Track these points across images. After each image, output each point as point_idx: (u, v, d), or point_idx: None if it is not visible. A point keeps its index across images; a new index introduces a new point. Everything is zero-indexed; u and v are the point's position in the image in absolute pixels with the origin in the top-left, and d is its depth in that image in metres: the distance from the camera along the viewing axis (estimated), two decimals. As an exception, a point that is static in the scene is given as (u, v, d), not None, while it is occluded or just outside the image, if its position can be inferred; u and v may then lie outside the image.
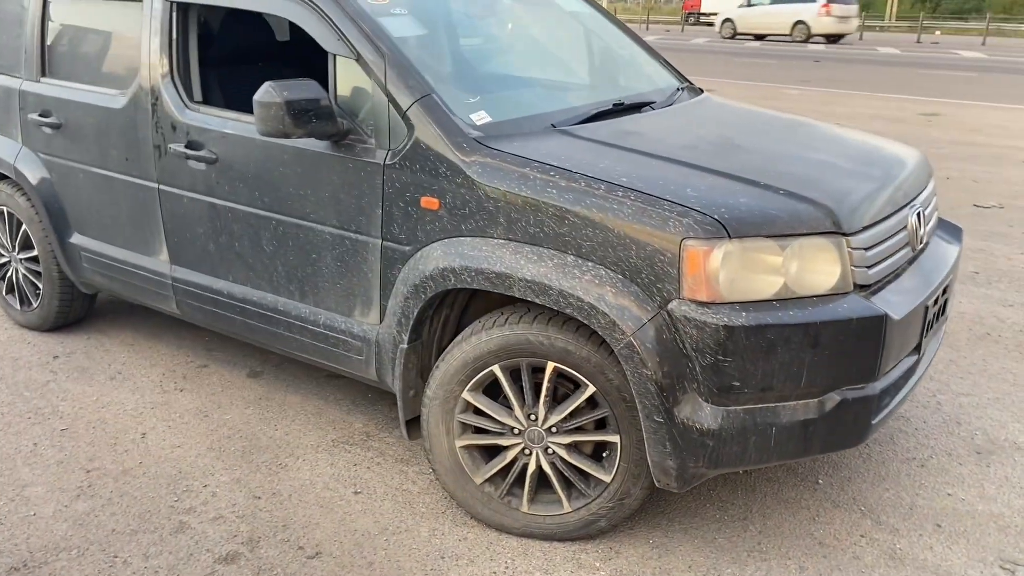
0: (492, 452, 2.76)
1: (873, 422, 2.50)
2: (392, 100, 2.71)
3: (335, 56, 2.82)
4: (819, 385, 2.38)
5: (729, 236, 2.29)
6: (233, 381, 3.76)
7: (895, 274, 2.64)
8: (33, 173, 3.85)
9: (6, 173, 3.96)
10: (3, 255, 4.23)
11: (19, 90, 3.83)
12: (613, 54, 3.74)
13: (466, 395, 2.68)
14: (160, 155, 3.32)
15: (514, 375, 2.64)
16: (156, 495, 2.95)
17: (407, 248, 2.74)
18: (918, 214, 2.76)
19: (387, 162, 2.72)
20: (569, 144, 2.70)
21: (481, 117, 2.75)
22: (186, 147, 3.21)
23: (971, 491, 3.00)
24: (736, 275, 2.31)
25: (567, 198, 2.44)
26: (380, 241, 2.80)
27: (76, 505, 2.89)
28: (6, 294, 4.29)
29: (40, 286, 4.09)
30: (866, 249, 2.45)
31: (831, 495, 2.97)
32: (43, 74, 3.78)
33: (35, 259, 4.06)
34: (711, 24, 38.12)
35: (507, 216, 2.53)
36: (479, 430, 2.73)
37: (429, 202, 2.66)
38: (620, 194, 2.40)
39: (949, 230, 3.16)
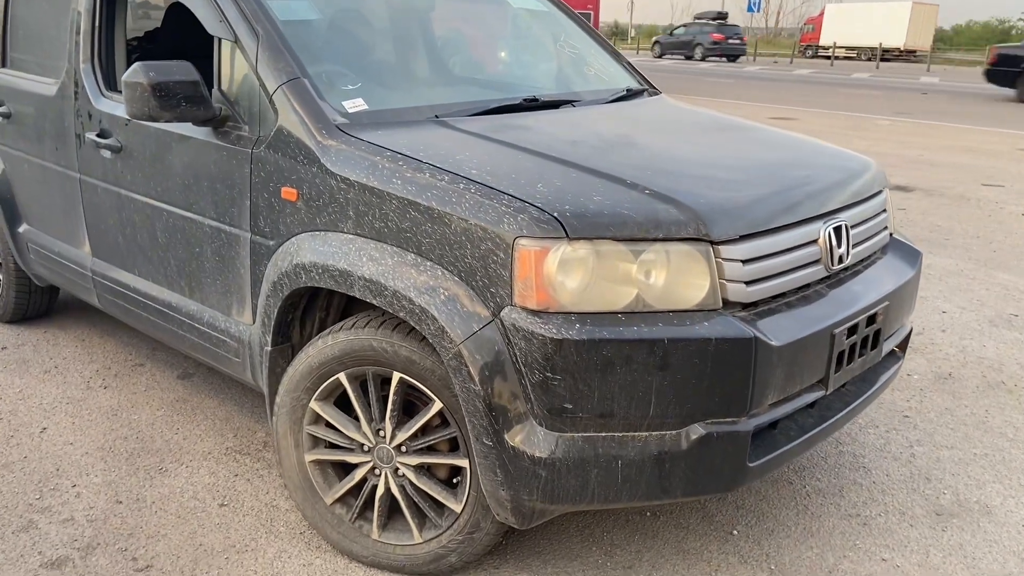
0: (345, 469, 2.52)
1: (751, 464, 2.14)
2: (261, 83, 2.53)
3: (219, 39, 2.67)
4: (675, 415, 2.05)
5: (568, 236, 2.00)
6: (161, 381, 3.64)
7: (801, 296, 2.28)
8: (-11, 162, 3.86)
9: (-33, 162, 3.99)
10: (-28, 245, 4.27)
11: (-18, 80, 3.86)
12: (561, 53, 3.47)
13: (314, 405, 2.45)
14: (80, 144, 3.26)
15: (364, 386, 2.40)
16: (22, 491, 2.83)
17: (271, 243, 2.55)
18: (837, 228, 2.38)
19: (255, 150, 2.54)
20: (439, 135, 2.46)
21: (356, 105, 2.54)
22: (98, 135, 3.13)
23: (911, 557, 2.57)
24: (578, 282, 2.02)
25: (410, 189, 2.20)
26: (249, 235, 2.62)
27: (-56, 494, 2.80)
28: (-25, 284, 4.33)
29: (0, 277, 4.10)
30: (744, 261, 2.11)
31: (742, 549, 2.59)
32: (3, 64, 3.79)
33: (-4, 250, 4.07)
34: (828, 58, 37.02)
35: (356, 209, 2.31)
36: (331, 444, 2.49)
37: (288, 193, 2.47)
38: (462, 186, 2.14)
39: (904, 253, 2.74)
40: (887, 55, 37.39)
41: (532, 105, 2.85)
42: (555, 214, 2.02)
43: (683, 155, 2.47)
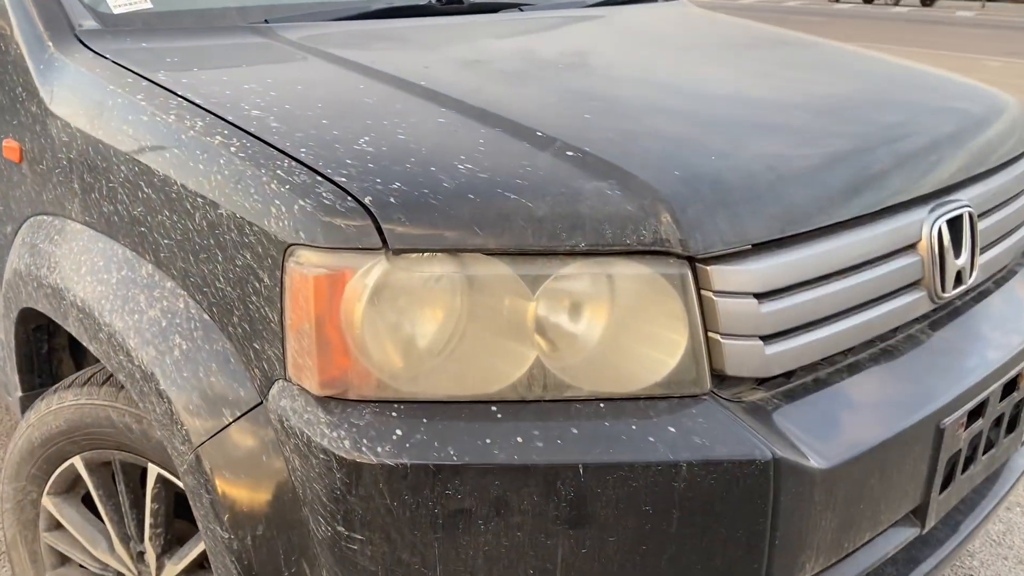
0: (116, 602, 1.56)
1: None
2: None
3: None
4: (610, 605, 1.01)
5: (387, 245, 0.97)
6: None
7: (876, 351, 1.20)
8: None
9: None
10: None
11: None
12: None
13: (47, 502, 1.48)
14: None
15: (114, 478, 1.42)
16: None
17: (8, 228, 1.58)
18: (956, 219, 1.28)
19: (-28, 77, 1.56)
20: (242, 50, 1.43)
21: (128, 2, 1.52)
22: None
23: None
24: (410, 336, 0.98)
25: (145, 143, 1.19)
26: (-19, 214, 1.65)
27: None
28: None
29: None
30: (759, 296, 1.04)
31: None
32: None
33: None
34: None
35: (81, 178, 1.31)
36: (83, 565, 1.53)
37: (10, 148, 1.49)
38: (221, 139, 1.12)
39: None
40: (994, -8, 34.40)
41: (451, 8, 1.78)
42: (366, 199, 0.98)
43: (669, 88, 1.38)
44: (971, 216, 1.30)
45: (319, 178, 1.02)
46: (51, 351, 1.66)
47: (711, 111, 1.27)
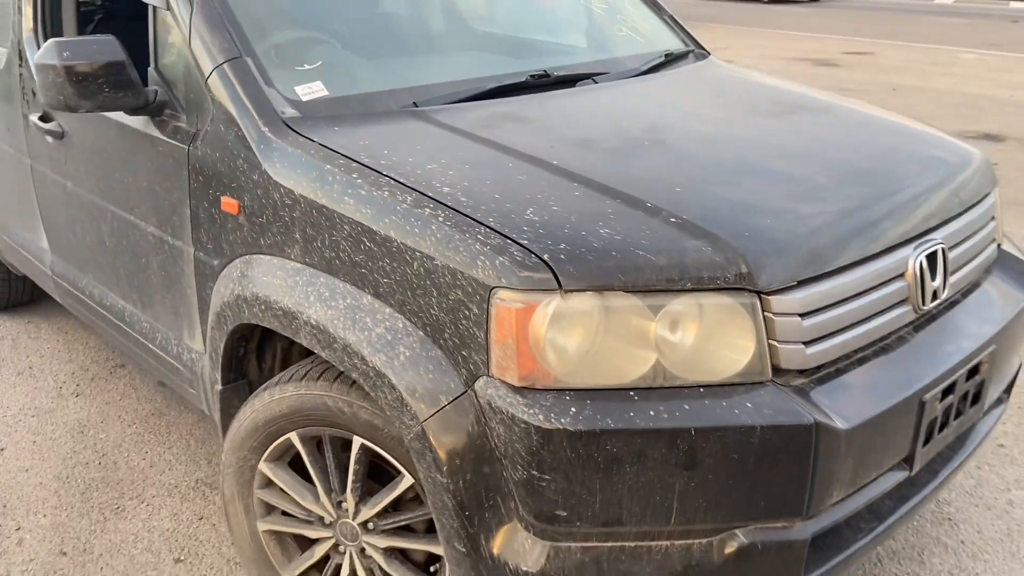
0: (309, 541, 2.08)
1: (807, 577, 1.62)
2: (196, 63, 2.03)
3: (153, 8, 2.17)
4: (707, 521, 1.54)
5: (562, 288, 1.48)
6: (139, 388, 3.25)
7: (881, 349, 1.73)
8: (-47, 140, 3.45)
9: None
10: (-49, 227, 3.91)
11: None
12: (587, 9, 2.88)
13: (263, 467, 2.00)
14: (27, 126, 2.81)
15: (321, 447, 1.94)
16: (-43, 537, 2.47)
17: (215, 262, 2.08)
18: (932, 255, 1.81)
19: (191, 147, 2.06)
20: (412, 133, 1.93)
21: (312, 91, 2.03)
22: (40, 118, 2.67)
23: (1012, 659, 2.04)
24: (575, 347, 1.50)
25: (365, 212, 1.69)
26: (192, 250, 2.15)
27: None
28: (-40, 269, 3.98)
29: (-20, 264, 3.73)
30: (802, 315, 1.57)
31: (795, 640, 2.09)
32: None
33: (-28, 234, 3.69)
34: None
35: (303, 231, 1.81)
36: (287, 513, 2.05)
37: (229, 203, 1.99)
38: (428, 211, 1.62)
39: (1016, 270, 2.15)
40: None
41: (542, 83, 2.29)
42: (546, 256, 1.50)
43: (726, 158, 1.90)
44: (943, 250, 1.83)
45: (509, 241, 1.53)
46: (245, 355, 2.17)
47: (763, 178, 1.79)
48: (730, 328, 1.53)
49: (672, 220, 1.59)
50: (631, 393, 1.51)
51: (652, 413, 1.48)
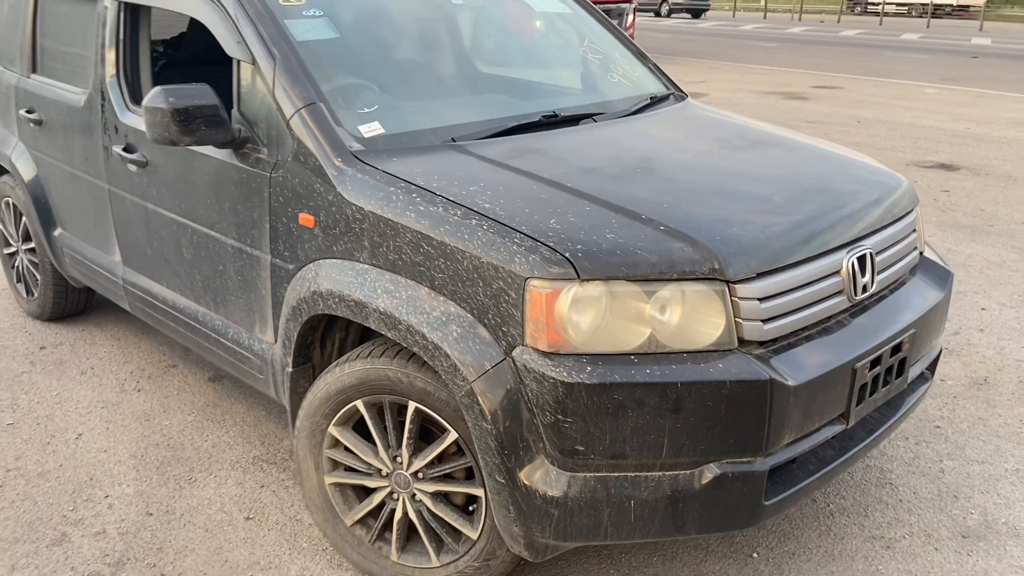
0: (365, 492, 2.55)
1: (767, 503, 2.12)
2: (279, 107, 2.53)
3: (237, 60, 2.67)
4: (689, 456, 2.03)
5: (580, 277, 1.98)
6: (192, 384, 3.71)
7: (823, 328, 2.24)
8: (24, 167, 3.93)
9: (4, 166, 4.06)
10: (12, 245, 4.36)
11: (15, 86, 3.91)
12: (585, 59, 3.41)
13: (332, 430, 2.47)
14: (107, 156, 3.29)
15: (381, 412, 2.42)
16: (57, 502, 2.91)
17: (291, 267, 2.57)
18: (861, 257, 2.33)
19: (272, 174, 2.55)
20: (453, 162, 2.44)
21: (372, 129, 2.53)
22: (124, 150, 3.16)
23: (934, 584, 2.54)
24: (590, 323, 2.00)
25: (424, 223, 2.19)
26: (269, 257, 2.63)
27: (-19, 505, 2.90)
28: (16, 283, 4.43)
29: (39, 276, 4.18)
30: (760, 300, 2.08)
31: (762, 572, 2.58)
32: (33, 71, 3.83)
33: (34, 250, 4.15)
34: (877, 14, 35.83)
35: (371, 239, 2.31)
36: (350, 468, 2.52)
37: (306, 219, 2.48)
38: (475, 222, 2.12)
39: (934, 274, 2.67)
40: (939, 11, 36.22)
41: (552, 121, 2.81)
42: (567, 254, 2.00)
43: (702, 181, 2.42)
44: (871, 254, 2.36)
45: (539, 243, 2.03)
46: (311, 343, 2.65)
47: (731, 197, 2.31)
48: (705, 309, 2.04)
49: (661, 228, 2.10)
50: (632, 357, 2.01)
51: (648, 371, 1.98)
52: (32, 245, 4.14)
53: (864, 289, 2.34)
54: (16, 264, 4.38)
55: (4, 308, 4.50)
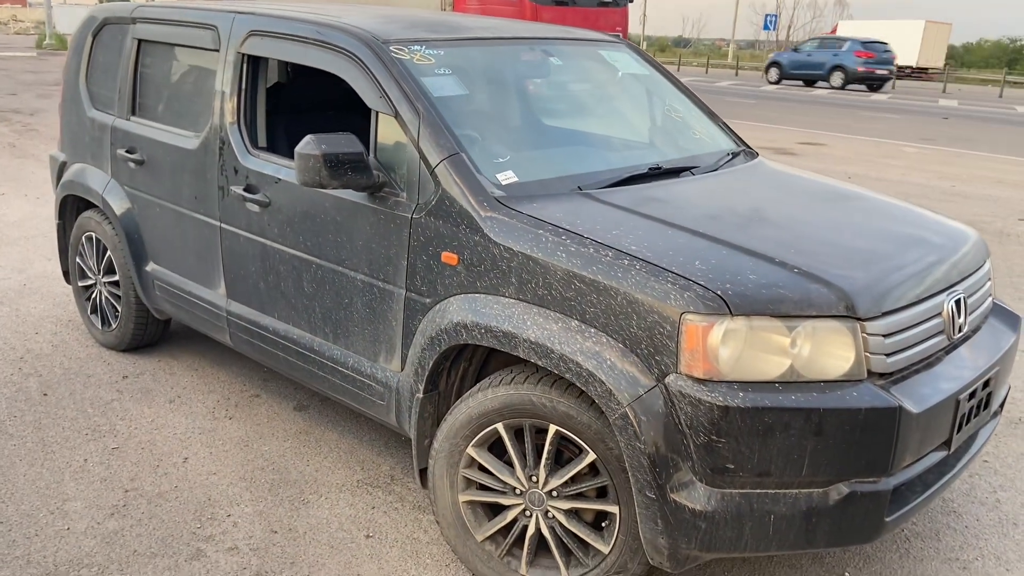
0: (495, 509, 2.75)
1: (887, 519, 2.36)
2: (423, 157, 2.77)
3: (376, 112, 2.92)
4: (824, 475, 2.28)
5: (731, 313, 2.24)
6: (280, 413, 3.88)
7: (927, 363, 2.50)
8: (118, 204, 4.11)
9: (95, 202, 4.24)
10: (90, 278, 4.52)
11: (111, 126, 4.11)
12: (667, 116, 3.71)
13: (470, 451, 2.68)
14: (223, 196, 3.50)
15: (518, 435, 2.63)
16: (182, 520, 3.07)
17: (427, 300, 2.79)
18: (957, 301, 2.61)
19: (414, 216, 2.78)
20: (588, 208, 2.69)
21: (507, 177, 2.78)
22: (244, 190, 3.37)
23: (1012, 601, 2.79)
24: (738, 353, 2.25)
25: (575, 263, 2.43)
26: (404, 291, 2.85)
27: (108, 523, 3.04)
28: (90, 314, 4.58)
29: (119, 309, 4.34)
30: (885, 336, 2.34)
31: (855, 589, 2.81)
32: (132, 113, 4.04)
33: (116, 283, 4.32)
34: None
35: (519, 276, 2.54)
36: (482, 486, 2.72)
37: (449, 257, 2.71)
38: (626, 262, 2.37)
39: (1005, 318, 2.97)
40: (900, 72, 37.60)
41: (656, 173, 3.09)
42: (719, 292, 2.25)
43: (812, 230, 2.70)
44: (963, 298, 2.64)
45: (691, 282, 2.28)
46: (440, 371, 2.86)
47: (842, 244, 2.59)
48: (837, 343, 2.29)
49: (795, 270, 2.37)
50: (776, 385, 2.26)
51: (793, 398, 2.23)
52: (115, 278, 4.30)
53: (960, 329, 2.62)
54: (92, 296, 4.53)
55: (77, 339, 4.64)
